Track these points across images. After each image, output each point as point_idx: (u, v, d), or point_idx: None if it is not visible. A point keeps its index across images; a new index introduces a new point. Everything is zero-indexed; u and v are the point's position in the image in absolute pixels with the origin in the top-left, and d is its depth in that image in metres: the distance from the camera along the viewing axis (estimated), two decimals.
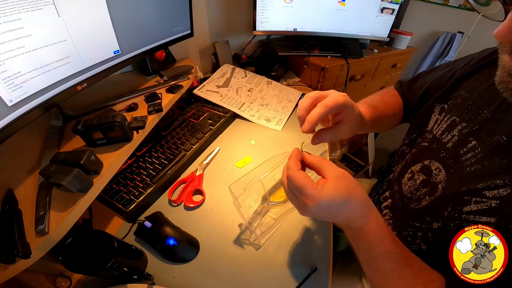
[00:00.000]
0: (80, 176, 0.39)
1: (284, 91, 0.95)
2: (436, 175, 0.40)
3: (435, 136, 0.43)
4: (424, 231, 0.39)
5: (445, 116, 0.42)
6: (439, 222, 0.36)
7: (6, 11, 0.35)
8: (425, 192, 0.41)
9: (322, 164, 0.34)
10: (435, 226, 0.37)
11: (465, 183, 0.34)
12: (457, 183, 0.36)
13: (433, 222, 0.37)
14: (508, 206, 0.30)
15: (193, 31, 0.81)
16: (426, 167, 0.42)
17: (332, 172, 0.32)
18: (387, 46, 1.31)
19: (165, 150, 0.66)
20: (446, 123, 0.42)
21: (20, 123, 0.40)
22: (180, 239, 0.47)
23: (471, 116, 0.38)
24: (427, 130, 0.46)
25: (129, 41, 0.59)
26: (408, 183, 0.45)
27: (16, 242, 0.33)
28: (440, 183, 0.38)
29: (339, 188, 0.31)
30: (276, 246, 0.50)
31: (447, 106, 0.44)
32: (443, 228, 0.36)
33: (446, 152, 0.40)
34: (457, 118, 0.40)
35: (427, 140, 0.45)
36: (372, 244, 0.34)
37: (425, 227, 0.39)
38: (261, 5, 0.95)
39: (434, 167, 0.41)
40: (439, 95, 0.46)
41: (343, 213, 0.33)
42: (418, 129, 0.49)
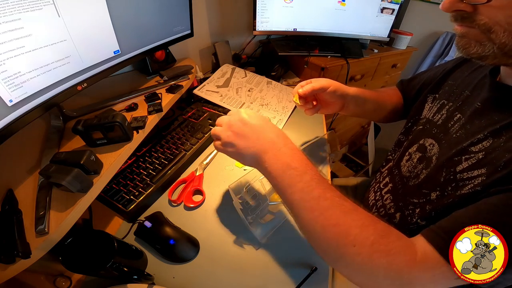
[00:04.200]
0: (80, 176, 0.39)
1: (284, 91, 0.95)
2: (430, 150, 0.44)
3: (428, 118, 0.48)
4: (422, 206, 0.40)
5: (438, 102, 0.48)
6: (436, 190, 0.38)
7: (6, 11, 0.35)
8: (422, 167, 0.44)
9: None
10: (434, 196, 0.39)
11: (453, 147, 0.38)
12: (447, 149, 0.39)
13: (431, 192, 0.39)
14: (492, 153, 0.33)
15: (193, 31, 0.81)
16: (421, 146, 0.46)
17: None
18: (387, 46, 1.31)
19: (165, 150, 0.66)
20: (436, 107, 0.48)
21: (20, 123, 0.40)
22: (180, 239, 0.47)
23: (455, 97, 0.45)
24: (421, 118, 0.52)
25: (129, 41, 0.59)
26: (407, 164, 0.49)
27: (16, 242, 0.33)
28: (434, 155, 0.42)
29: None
30: (276, 246, 0.50)
31: (438, 95, 0.50)
32: (441, 195, 0.37)
33: (437, 129, 0.45)
34: (445, 101, 0.46)
35: (421, 124, 0.50)
36: (302, 168, 0.34)
37: (423, 201, 0.40)
38: (261, 5, 0.95)
39: (427, 143, 0.45)
40: (431, 88, 0.54)
41: (268, 132, 0.38)
42: (413, 118, 0.54)
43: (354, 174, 1.68)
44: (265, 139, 0.37)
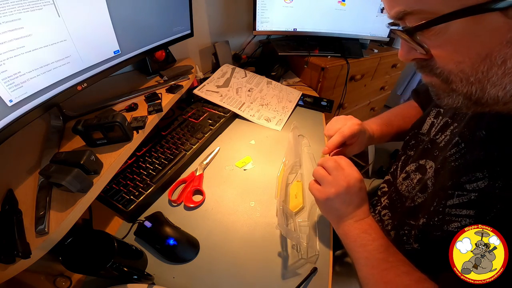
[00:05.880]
0: (80, 176, 0.39)
1: (284, 91, 0.95)
2: (429, 173, 0.41)
3: (431, 138, 0.45)
4: (416, 229, 0.40)
5: (441, 119, 0.44)
6: (424, 217, 0.38)
7: (6, 11, 0.35)
8: (418, 189, 0.42)
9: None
10: (421, 222, 0.38)
11: (449, 178, 0.36)
12: (444, 178, 0.37)
13: (421, 218, 0.38)
14: (485, 198, 0.31)
15: (193, 31, 0.81)
16: (422, 166, 0.44)
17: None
18: (387, 46, 1.31)
19: (165, 150, 0.66)
20: (439, 125, 0.44)
21: (20, 123, 0.40)
22: (180, 239, 0.47)
23: (460, 117, 0.40)
24: (421, 132, 0.48)
25: (129, 41, 0.59)
26: (405, 182, 0.47)
27: (16, 242, 0.33)
28: (431, 180, 0.40)
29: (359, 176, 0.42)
30: (276, 246, 0.50)
31: (442, 110, 0.46)
32: (426, 223, 0.37)
33: (438, 151, 0.41)
34: (449, 120, 0.42)
35: (424, 142, 0.46)
36: (375, 235, 0.39)
37: (416, 224, 0.40)
38: (261, 5, 0.95)
39: (428, 165, 0.42)
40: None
41: (357, 198, 0.42)
42: (412, 131, 0.51)
43: None
44: (354, 205, 0.42)
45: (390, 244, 0.39)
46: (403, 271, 0.36)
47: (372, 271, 0.38)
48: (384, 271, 0.37)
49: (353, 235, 0.41)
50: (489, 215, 0.30)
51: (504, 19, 0.21)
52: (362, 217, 0.42)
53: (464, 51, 0.24)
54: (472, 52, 0.24)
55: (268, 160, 0.68)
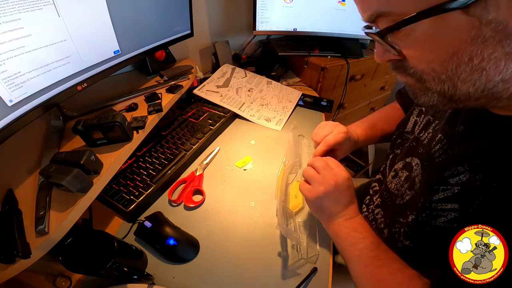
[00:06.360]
0: (80, 176, 0.39)
1: (284, 91, 0.95)
2: (415, 170, 0.42)
3: (415, 135, 0.46)
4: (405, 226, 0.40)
5: (424, 117, 0.46)
6: (413, 214, 0.38)
7: (6, 11, 0.35)
8: (407, 187, 0.43)
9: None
10: (410, 219, 0.39)
11: (434, 173, 0.37)
12: (429, 174, 0.38)
13: (410, 215, 0.39)
14: (468, 191, 0.31)
15: (193, 31, 0.81)
16: (408, 164, 0.45)
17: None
18: None
19: (165, 150, 0.66)
20: (423, 123, 0.45)
21: (20, 123, 0.40)
22: (180, 239, 0.47)
23: (441, 114, 0.42)
24: (406, 131, 0.50)
25: (129, 41, 0.59)
26: (394, 181, 0.48)
27: (16, 242, 0.33)
28: (417, 177, 0.41)
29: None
30: (276, 246, 0.50)
31: (424, 109, 0.47)
32: (415, 220, 0.37)
33: (423, 148, 0.42)
34: (431, 118, 0.43)
35: (410, 140, 0.47)
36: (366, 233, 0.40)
37: (406, 221, 0.40)
38: (261, 5, 0.94)
39: (414, 163, 0.43)
40: None
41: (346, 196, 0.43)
42: (398, 130, 0.52)
43: (354, 174, 1.68)
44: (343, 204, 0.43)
45: (381, 242, 0.40)
46: (396, 268, 0.37)
47: (364, 269, 0.38)
48: (376, 269, 0.37)
49: (344, 234, 0.42)
50: (472, 207, 0.30)
51: (465, 18, 0.21)
52: (352, 215, 0.43)
53: (433, 51, 0.25)
54: (440, 51, 0.25)
55: (268, 160, 0.68)
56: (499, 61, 0.23)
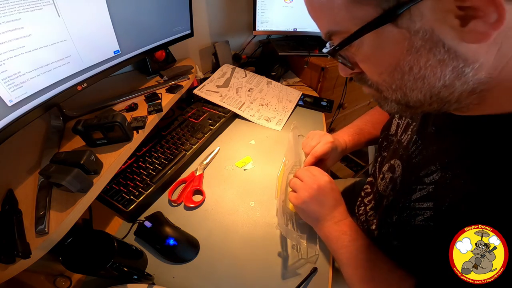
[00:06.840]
0: (80, 176, 0.39)
1: (284, 91, 0.95)
2: (397, 171, 0.43)
3: (398, 138, 0.47)
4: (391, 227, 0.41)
5: (404, 120, 0.47)
6: (396, 214, 0.39)
7: (6, 11, 0.35)
8: (390, 188, 0.44)
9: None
10: (394, 219, 0.39)
11: (412, 173, 0.38)
12: (409, 175, 0.39)
13: (394, 215, 0.40)
14: (440, 189, 0.32)
15: (193, 31, 0.81)
16: (392, 166, 0.46)
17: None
18: None
19: (165, 150, 0.66)
20: (403, 125, 0.46)
21: (20, 123, 0.40)
22: (180, 239, 0.47)
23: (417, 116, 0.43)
24: (390, 133, 0.51)
25: (129, 41, 0.59)
26: (382, 183, 0.48)
27: (16, 242, 0.33)
28: (398, 178, 0.42)
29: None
30: (276, 246, 0.50)
31: None
32: (398, 220, 0.38)
33: (403, 150, 0.43)
34: (409, 120, 0.45)
35: (393, 142, 0.49)
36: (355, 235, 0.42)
37: (390, 222, 0.41)
38: (261, 5, 0.94)
39: (396, 164, 0.44)
40: None
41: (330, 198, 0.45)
42: (383, 133, 0.53)
43: (354, 174, 1.68)
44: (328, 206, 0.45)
45: (371, 244, 0.41)
46: (386, 269, 0.38)
47: (355, 271, 0.40)
48: (367, 271, 0.39)
49: (334, 237, 0.43)
50: (443, 205, 0.31)
51: (397, 30, 0.23)
52: (340, 218, 0.44)
53: (380, 63, 0.27)
54: (385, 63, 0.26)
55: (268, 160, 0.68)
56: (435, 68, 0.24)
